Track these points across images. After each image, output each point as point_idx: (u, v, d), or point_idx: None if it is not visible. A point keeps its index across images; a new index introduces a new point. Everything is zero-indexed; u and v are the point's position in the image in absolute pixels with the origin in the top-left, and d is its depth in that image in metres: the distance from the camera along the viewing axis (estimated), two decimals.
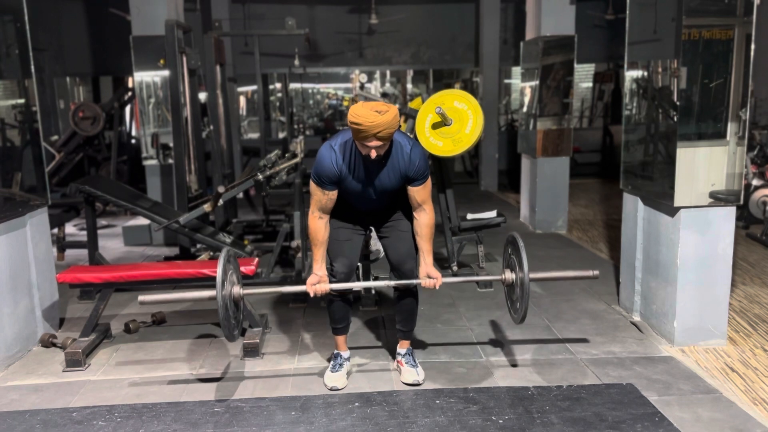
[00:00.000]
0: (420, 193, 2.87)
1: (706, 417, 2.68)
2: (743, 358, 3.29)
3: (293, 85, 11.62)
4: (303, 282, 4.33)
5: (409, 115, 4.47)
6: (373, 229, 3.15)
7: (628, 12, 3.72)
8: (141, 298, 2.82)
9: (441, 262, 5.16)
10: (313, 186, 2.84)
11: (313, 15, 9.91)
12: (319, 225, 2.89)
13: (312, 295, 2.87)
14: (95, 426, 2.70)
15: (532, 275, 2.82)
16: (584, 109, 11.29)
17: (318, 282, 2.88)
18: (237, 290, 2.81)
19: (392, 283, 2.97)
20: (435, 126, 4.17)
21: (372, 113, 2.55)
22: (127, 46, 5.90)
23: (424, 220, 2.90)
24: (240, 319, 2.93)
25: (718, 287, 3.39)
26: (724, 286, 3.40)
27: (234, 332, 2.79)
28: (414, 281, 2.93)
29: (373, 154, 2.65)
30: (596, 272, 2.96)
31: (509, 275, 2.95)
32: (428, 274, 2.90)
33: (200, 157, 6.01)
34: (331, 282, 2.98)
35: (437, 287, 2.88)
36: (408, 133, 4.42)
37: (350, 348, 3.24)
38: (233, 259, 2.87)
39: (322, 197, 2.84)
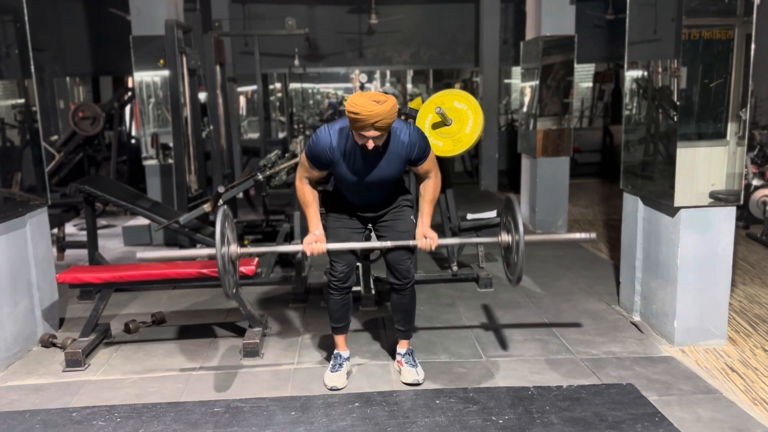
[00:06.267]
0: (426, 166, 2.92)
1: (706, 417, 2.68)
2: (743, 358, 3.29)
3: (293, 85, 11.61)
4: (302, 286, 4.35)
5: (409, 115, 4.47)
6: (371, 228, 3.14)
7: (628, 12, 3.71)
8: (140, 255, 2.91)
9: (441, 263, 5.17)
10: (303, 157, 2.87)
11: (313, 15, 9.90)
12: (306, 188, 2.94)
13: (309, 253, 2.87)
14: (95, 426, 2.70)
15: (527, 238, 2.85)
16: (584, 109, 11.29)
17: (315, 241, 2.88)
18: (234, 249, 2.86)
19: (389, 244, 2.94)
20: (435, 126, 4.17)
21: (370, 102, 2.52)
22: (127, 46, 5.91)
23: (431, 183, 2.99)
24: (237, 279, 2.98)
25: (718, 287, 3.39)
26: (724, 286, 3.40)
27: (232, 289, 2.84)
28: (411, 242, 2.93)
29: (371, 144, 2.62)
30: (593, 235, 2.99)
31: (506, 237, 2.99)
32: (424, 235, 2.92)
33: (200, 157, 6.01)
34: (330, 281, 2.99)
35: (433, 248, 2.91)
36: None
37: (350, 348, 3.24)
38: (231, 219, 2.89)
39: (309, 169, 2.88)
